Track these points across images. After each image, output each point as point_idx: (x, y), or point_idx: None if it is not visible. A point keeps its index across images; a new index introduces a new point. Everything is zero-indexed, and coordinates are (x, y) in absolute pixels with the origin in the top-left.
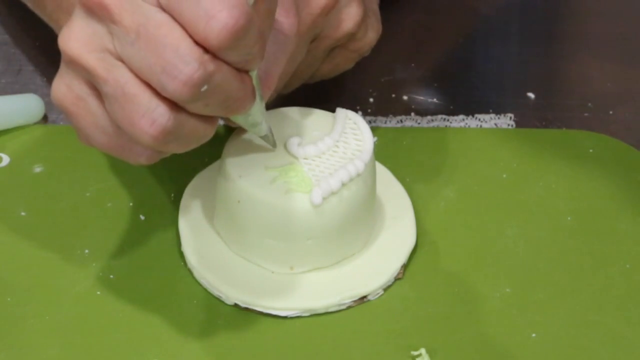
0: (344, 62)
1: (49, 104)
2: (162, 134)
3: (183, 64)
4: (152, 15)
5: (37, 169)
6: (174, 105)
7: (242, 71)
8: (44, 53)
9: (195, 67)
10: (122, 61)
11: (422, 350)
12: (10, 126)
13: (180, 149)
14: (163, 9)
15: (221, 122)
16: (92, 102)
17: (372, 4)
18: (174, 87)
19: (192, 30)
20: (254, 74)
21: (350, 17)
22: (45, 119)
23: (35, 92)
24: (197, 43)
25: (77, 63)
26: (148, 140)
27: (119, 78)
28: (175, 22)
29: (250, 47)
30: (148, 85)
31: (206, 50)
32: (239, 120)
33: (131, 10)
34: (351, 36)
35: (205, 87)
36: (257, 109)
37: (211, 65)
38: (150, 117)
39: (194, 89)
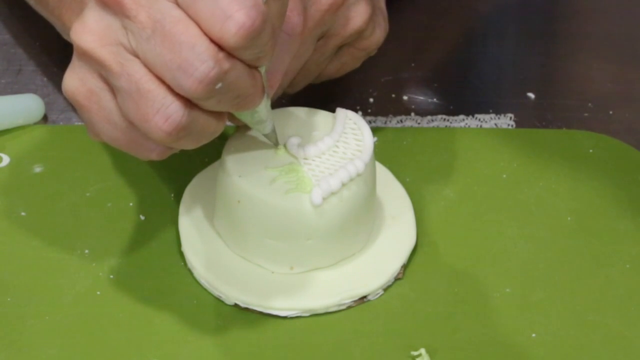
0: (351, 61)
1: (49, 104)
2: (176, 130)
3: (199, 62)
4: (168, 11)
5: (37, 169)
6: (187, 101)
7: (252, 67)
8: (45, 53)
9: (211, 65)
10: (137, 56)
11: (422, 350)
12: (10, 126)
13: (191, 145)
14: (179, 6)
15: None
16: (105, 97)
17: (380, 2)
18: (190, 84)
19: (208, 29)
20: (262, 69)
21: (358, 14)
22: (45, 119)
23: (35, 92)
24: (212, 40)
25: (90, 56)
26: (161, 136)
27: (133, 73)
28: (191, 19)
29: (264, 45)
30: (162, 81)
31: (220, 47)
32: (245, 118)
33: (147, 5)
34: (359, 34)
35: (219, 85)
36: (264, 106)
37: (226, 64)
38: (164, 113)
39: (209, 86)
